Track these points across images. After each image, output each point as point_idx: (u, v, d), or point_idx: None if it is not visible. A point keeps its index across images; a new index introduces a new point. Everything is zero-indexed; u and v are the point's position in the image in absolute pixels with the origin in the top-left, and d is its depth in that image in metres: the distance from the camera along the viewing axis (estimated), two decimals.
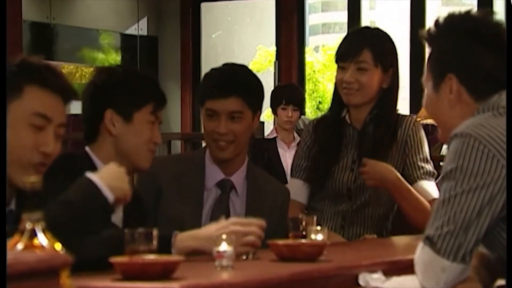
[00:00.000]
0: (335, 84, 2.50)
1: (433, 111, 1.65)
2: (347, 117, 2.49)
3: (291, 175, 2.58)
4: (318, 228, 1.89)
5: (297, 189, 2.49)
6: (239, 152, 2.26)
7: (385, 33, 2.48)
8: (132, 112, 1.95)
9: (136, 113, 1.95)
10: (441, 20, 1.64)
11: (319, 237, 1.87)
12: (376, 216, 2.46)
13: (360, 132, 2.48)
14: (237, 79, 2.24)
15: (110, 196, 1.60)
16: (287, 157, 4.43)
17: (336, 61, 2.48)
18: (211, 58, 7.50)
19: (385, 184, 2.35)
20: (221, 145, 2.22)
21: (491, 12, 1.65)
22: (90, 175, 1.63)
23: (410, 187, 2.39)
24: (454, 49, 1.60)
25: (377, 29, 2.52)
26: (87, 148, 1.98)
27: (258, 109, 2.28)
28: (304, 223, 1.93)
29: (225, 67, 2.30)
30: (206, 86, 2.27)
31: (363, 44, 2.41)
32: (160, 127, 2.02)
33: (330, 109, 2.54)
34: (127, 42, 7.43)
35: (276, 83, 6.36)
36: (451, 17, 1.63)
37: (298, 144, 4.41)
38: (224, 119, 2.21)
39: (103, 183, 1.61)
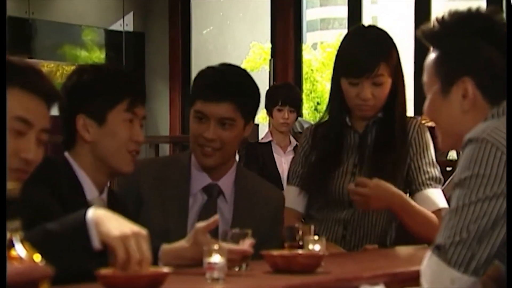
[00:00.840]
0: (335, 86, 2.48)
1: (440, 118, 1.64)
2: (347, 119, 2.49)
3: (288, 182, 2.58)
4: (316, 238, 1.89)
5: (294, 197, 2.49)
6: (226, 161, 2.26)
7: (387, 34, 2.44)
8: (105, 113, 1.93)
9: (109, 113, 1.93)
10: (447, 17, 1.62)
11: (317, 247, 1.87)
12: (380, 224, 2.46)
13: (361, 135, 2.48)
14: (234, 83, 2.22)
15: (96, 242, 1.54)
16: (282, 162, 4.43)
17: (344, 76, 2.42)
18: (202, 56, 7.51)
19: (391, 206, 2.33)
20: (207, 151, 2.21)
21: (499, 10, 1.63)
22: (90, 211, 1.55)
23: (416, 205, 2.37)
24: (468, 50, 1.59)
25: (381, 30, 2.46)
26: (66, 154, 1.97)
27: (251, 118, 2.27)
28: (300, 232, 1.93)
29: (222, 67, 2.28)
30: (199, 86, 2.25)
31: (379, 58, 2.37)
32: (143, 122, 1.99)
33: (330, 114, 2.52)
34: (112, 39, 7.43)
35: (272, 83, 6.37)
36: (458, 15, 1.61)
37: (294, 148, 4.43)
38: (213, 124, 2.19)
39: (96, 225, 1.53)
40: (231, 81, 2.23)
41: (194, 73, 7.85)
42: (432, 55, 1.64)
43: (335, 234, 2.45)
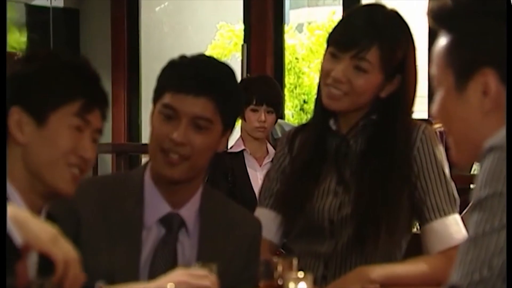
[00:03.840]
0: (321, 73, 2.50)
1: (453, 122, 1.64)
2: (331, 122, 2.50)
3: (259, 204, 2.59)
4: (300, 274, 1.92)
5: (267, 223, 2.48)
6: (193, 176, 2.27)
7: (405, 23, 2.47)
8: (47, 111, 1.93)
9: (53, 114, 1.93)
10: None
11: (301, 286, 1.89)
12: (374, 262, 2.44)
13: (344, 139, 2.49)
14: (216, 77, 2.25)
15: (18, 239, 1.59)
16: (258, 178, 4.43)
17: (329, 44, 2.48)
18: (154, 40, 7.51)
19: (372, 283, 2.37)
20: (172, 158, 2.21)
21: None
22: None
23: (400, 268, 2.41)
24: (489, 34, 1.60)
25: (395, 15, 2.49)
26: None
27: (230, 126, 2.29)
28: (280, 268, 1.96)
29: (201, 57, 2.32)
30: (171, 75, 2.25)
31: (374, 39, 2.40)
32: (97, 138, 1.99)
33: (313, 114, 2.56)
34: (36, 17, 7.41)
35: (244, 75, 6.39)
36: None
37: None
38: (185, 124, 2.20)
39: (15, 221, 1.60)
40: (212, 74, 2.25)
41: (144, 62, 7.81)
42: (443, 41, 1.65)
43: (313, 273, 2.41)
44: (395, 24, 2.47)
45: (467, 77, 1.61)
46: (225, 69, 2.30)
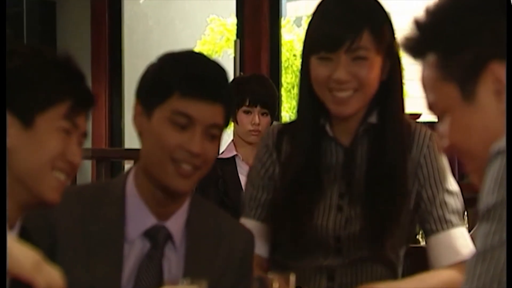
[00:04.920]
0: (304, 74, 2.47)
1: (473, 136, 1.61)
2: (327, 127, 2.50)
3: (244, 214, 2.55)
4: None
5: (255, 236, 2.43)
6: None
7: (378, 3, 2.48)
8: (34, 113, 1.94)
9: (41, 116, 1.94)
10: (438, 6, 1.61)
11: None
12: (379, 274, 2.48)
13: (347, 150, 2.49)
14: (223, 80, 2.26)
15: None
16: None
17: (313, 52, 2.44)
18: (138, 35, 7.51)
19: None
20: (185, 170, 2.19)
21: None
22: None
23: (406, 284, 2.41)
24: (491, 26, 1.59)
25: None
26: None
27: (225, 129, 2.30)
28: (276, 284, 1.97)
29: (195, 55, 2.33)
30: (179, 74, 2.22)
31: (362, 25, 2.40)
32: (82, 141, 2.00)
33: (299, 115, 2.53)
34: (8, 9, 7.40)
35: (237, 73, 6.40)
36: None
37: None
38: (200, 133, 2.19)
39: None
40: (217, 76, 2.26)
41: (127, 59, 7.81)
42: (429, 63, 1.63)
43: (316, 286, 2.45)
44: (374, 5, 2.48)
45: (473, 79, 1.59)
46: (220, 68, 2.29)
